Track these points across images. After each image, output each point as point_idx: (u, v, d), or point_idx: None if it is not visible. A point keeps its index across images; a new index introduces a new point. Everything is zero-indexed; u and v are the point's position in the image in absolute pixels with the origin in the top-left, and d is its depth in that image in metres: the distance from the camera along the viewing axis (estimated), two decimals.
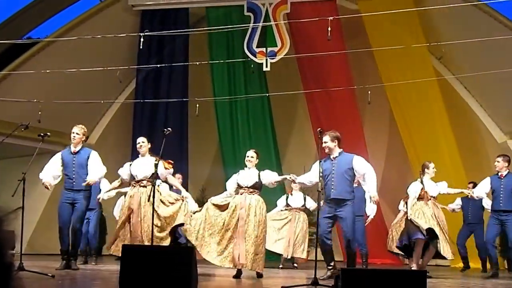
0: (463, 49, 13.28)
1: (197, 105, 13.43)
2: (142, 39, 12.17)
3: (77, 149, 9.40)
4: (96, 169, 9.28)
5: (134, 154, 15.20)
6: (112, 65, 13.40)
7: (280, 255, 12.06)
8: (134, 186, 8.94)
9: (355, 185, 11.82)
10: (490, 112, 14.52)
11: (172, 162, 9.19)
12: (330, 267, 8.74)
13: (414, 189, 10.35)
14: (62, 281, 7.57)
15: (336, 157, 8.69)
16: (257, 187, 8.75)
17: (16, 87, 13.73)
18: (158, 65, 14.33)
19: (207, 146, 16.65)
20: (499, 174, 10.44)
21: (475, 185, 11.55)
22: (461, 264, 13.26)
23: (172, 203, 8.77)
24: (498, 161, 10.50)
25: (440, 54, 14.01)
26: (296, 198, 12.21)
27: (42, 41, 14.42)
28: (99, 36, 12.90)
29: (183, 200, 8.81)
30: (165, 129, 8.79)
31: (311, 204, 12.30)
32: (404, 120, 14.62)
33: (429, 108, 14.35)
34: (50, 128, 11.38)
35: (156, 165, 8.68)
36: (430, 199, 10.06)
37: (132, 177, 9.00)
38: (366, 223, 11.80)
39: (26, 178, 8.21)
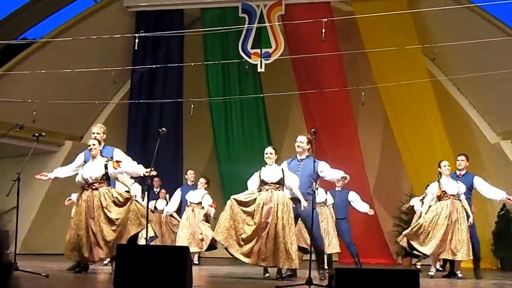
0: (456, 51, 13.35)
1: (192, 106, 13.47)
2: (137, 40, 12.19)
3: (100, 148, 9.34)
4: (128, 160, 9.20)
5: (129, 155, 15.28)
6: (107, 66, 13.45)
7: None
8: (87, 190, 8.75)
9: (338, 188, 11.94)
10: (483, 113, 14.58)
11: (120, 161, 9.05)
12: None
13: (430, 190, 10.28)
14: (56, 281, 7.59)
15: (303, 159, 8.97)
16: (282, 183, 8.72)
17: (11, 87, 13.74)
18: (153, 66, 14.37)
19: (202, 146, 16.68)
20: (458, 173, 10.51)
21: None
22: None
23: (123, 203, 8.66)
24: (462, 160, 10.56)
25: (434, 56, 14.05)
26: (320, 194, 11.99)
27: (37, 42, 14.44)
28: (94, 37, 12.94)
29: (131, 200, 8.69)
30: (160, 130, 8.80)
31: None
32: (398, 121, 14.67)
33: (423, 109, 14.40)
34: (45, 128, 11.41)
35: (106, 166, 8.70)
36: (449, 198, 9.97)
37: (84, 180, 8.80)
38: (370, 213, 12.06)
39: (20, 178, 8.23)
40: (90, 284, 7.58)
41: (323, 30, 11.04)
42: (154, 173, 8.88)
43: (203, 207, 12.30)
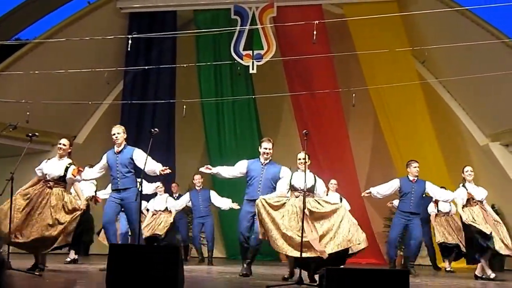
0: (446, 54, 13.44)
1: (184, 106, 13.55)
2: (130, 41, 12.26)
3: (120, 148, 9.40)
4: (149, 160, 8.97)
5: None
6: (100, 66, 13.50)
7: None
8: (43, 185, 8.73)
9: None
10: (472, 115, 14.69)
11: (82, 170, 9.05)
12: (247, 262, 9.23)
13: (460, 195, 10.26)
14: (49, 279, 7.63)
15: (266, 163, 9.35)
16: (312, 190, 8.53)
17: (4, 87, 13.79)
18: (146, 67, 14.44)
19: (194, 146, 16.75)
20: (411, 178, 10.75)
21: None
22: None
23: (70, 211, 8.56)
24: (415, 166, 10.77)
25: (424, 58, 14.16)
26: (332, 198, 11.95)
27: (31, 43, 14.48)
28: (87, 38, 12.99)
29: (80, 211, 8.59)
30: (152, 130, 8.87)
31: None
32: (388, 122, 14.77)
33: (413, 111, 14.51)
34: (38, 128, 11.47)
35: (66, 169, 8.72)
36: (477, 204, 10.08)
37: (43, 175, 8.81)
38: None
39: (14, 177, 8.27)
40: (82, 283, 7.64)
41: (315, 32, 11.13)
42: (168, 171, 8.93)
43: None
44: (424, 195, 11.03)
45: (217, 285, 8.19)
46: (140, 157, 9.15)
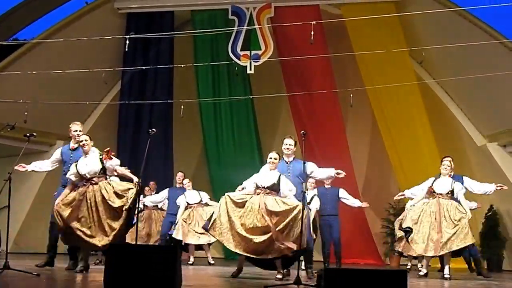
0: (444, 54, 13.46)
1: (182, 107, 13.58)
2: (127, 42, 12.28)
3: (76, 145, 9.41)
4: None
5: (119, 155, 15.30)
6: (98, 67, 13.51)
7: None
8: (85, 185, 8.74)
9: (327, 186, 12.08)
10: (470, 115, 14.67)
11: (113, 153, 9.09)
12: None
13: (422, 185, 10.53)
14: (47, 279, 7.64)
15: (291, 161, 9.26)
16: (275, 189, 8.81)
17: (2, 87, 13.78)
18: (144, 67, 14.45)
19: (192, 147, 16.75)
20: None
21: None
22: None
23: (125, 192, 8.65)
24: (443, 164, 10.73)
25: (421, 59, 14.18)
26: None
27: (29, 43, 14.48)
28: (85, 38, 12.99)
29: (135, 186, 8.64)
30: (150, 130, 8.88)
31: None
32: (386, 123, 14.77)
33: (410, 111, 14.50)
34: (36, 129, 11.46)
35: (101, 160, 8.76)
36: (436, 197, 10.16)
37: (81, 177, 8.79)
38: (364, 205, 12.22)
39: (12, 177, 8.28)
40: (80, 283, 7.64)
41: (312, 33, 11.16)
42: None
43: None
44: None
45: (216, 285, 8.20)
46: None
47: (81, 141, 8.97)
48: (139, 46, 15.17)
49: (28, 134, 8.84)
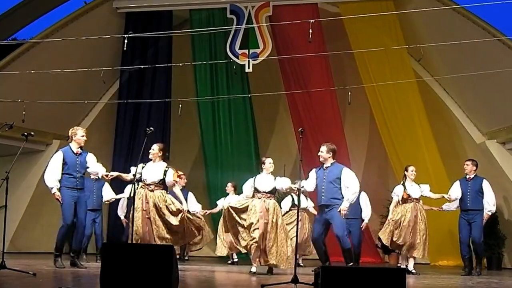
0: (442, 52, 13.46)
1: (180, 105, 13.56)
2: (126, 41, 12.26)
3: (80, 151, 9.57)
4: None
5: (116, 154, 15.37)
6: (96, 66, 13.49)
7: None
8: (142, 188, 9.26)
9: None
10: (469, 113, 14.67)
11: (183, 174, 9.58)
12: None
13: (396, 192, 11.15)
14: (43, 279, 7.65)
15: (328, 167, 9.52)
16: (274, 192, 9.58)
17: (0, 87, 13.78)
18: (142, 66, 14.44)
19: (190, 145, 16.75)
20: (467, 177, 11.23)
21: None
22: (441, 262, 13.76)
23: (176, 213, 9.19)
24: (467, 165, 11.29)
25: (419, 56, 14.13)
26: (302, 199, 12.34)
27: (27, 42, 14.47)
28: (83, 38, 12.98)
29: (183, 212, 9.21)
30: (147, 129, 8.92)
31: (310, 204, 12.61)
32: (384, 120, 14.75)
33: (409, 109, 14.49)
34: (34, 128, 11.49)
35: (165, 172, 9.19)
36: (413, 201, 10.87)
37: (140, 179, 9.30)
38: (362, 227, 12.30)
39: (9, 177, 8.29)
40: (77, 282, 7.64)
41: (310, 31, 11.13)
42: (113, 173, 9.61)
43: None
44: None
45: (212, 283, 8.20)
46: (91, 159, 9.61)
47: (152, 149, 9.58)
48: (137, 46, 15.14)
49: (26, 134, 8.91)
